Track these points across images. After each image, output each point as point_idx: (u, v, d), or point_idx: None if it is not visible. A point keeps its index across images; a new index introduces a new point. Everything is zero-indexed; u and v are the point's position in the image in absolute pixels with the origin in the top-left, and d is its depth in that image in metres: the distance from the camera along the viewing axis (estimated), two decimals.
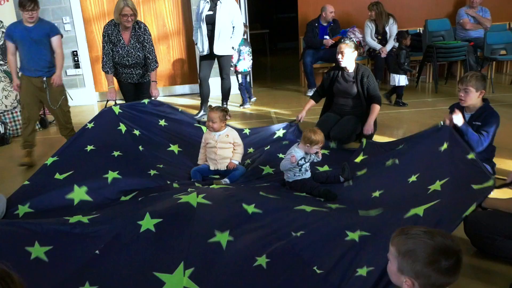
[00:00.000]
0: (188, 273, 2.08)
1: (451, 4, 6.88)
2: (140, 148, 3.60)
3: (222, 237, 2.27)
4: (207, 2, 5.10)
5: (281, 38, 11.86)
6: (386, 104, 5.50)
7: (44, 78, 4.17)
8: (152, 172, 3.35)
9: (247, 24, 6.54)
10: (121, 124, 3.67)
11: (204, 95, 5.46)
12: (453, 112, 3.02)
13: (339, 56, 4.14)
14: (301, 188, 3.12)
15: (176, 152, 3.80)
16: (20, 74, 4.27)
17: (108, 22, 4.35)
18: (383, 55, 6.14)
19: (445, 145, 2.75)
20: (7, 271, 0.98)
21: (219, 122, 3.48)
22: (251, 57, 5.92)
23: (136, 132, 3.73)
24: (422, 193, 2.44)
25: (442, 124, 3.04)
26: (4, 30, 5.39)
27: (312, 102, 4.43)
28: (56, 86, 4.20)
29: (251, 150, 3.90)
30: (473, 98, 2.99)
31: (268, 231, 2.32)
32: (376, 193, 2.81)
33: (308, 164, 3.21)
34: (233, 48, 5.31)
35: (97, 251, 2.26)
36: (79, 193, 2.95)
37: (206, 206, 2.49)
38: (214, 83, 5.84)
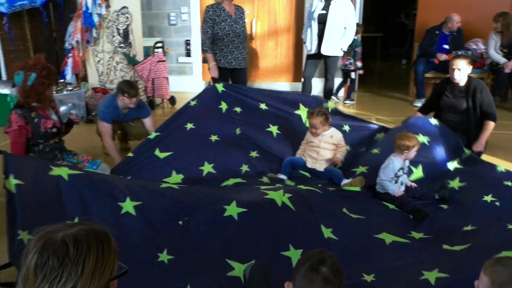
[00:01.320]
0: None
1: None
2: (238, 131, 3.66)
3: (294, 254, 2.26)
4: (321, 1, 5.05)
5: (394, 43, 11.35)
6: (506, 124, 4.98)
7: None
8: (244, 168, 3.43)
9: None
10: (222, 102, 3.74)
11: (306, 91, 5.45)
12: None
13: (455, 73, 3.82)
14: (392, 200, 2.97)
15: (275, 134, 3.80)
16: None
17: (208, 6, 4.45)
18: (507, 70, 5.56)
19: None
20: (108, 234, 1.02)
21: (322, 126, 3.45)
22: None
23: (237, 109, 3.78)
24: None
25: None
26: (128, 15, 5.92)
27: (419, 115, 4.15)
28: None
29: (347, 147, 3.78)
30: None
31: None
32: (469, 227, 2.59)
33: (405, 176, 3.05)
34: (342, 49, 5.20)
35: (180, 222, 2.37)
36: (175, 179, 3.12)
37: (288, 211, 2.49)
38: (316, 83, 5.80)
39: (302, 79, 5.46)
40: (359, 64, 6.10)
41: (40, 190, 2.23)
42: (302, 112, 3.94)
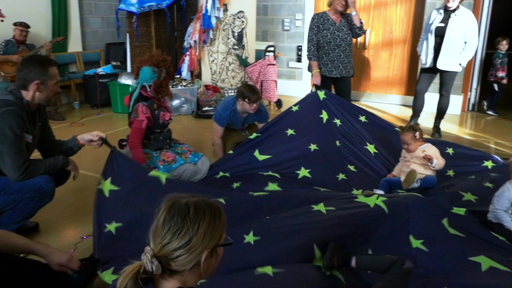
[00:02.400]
0: None
1: None
2: (337, 143, 3.59)
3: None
4: (440, 13, 4.75)
5: None
6: None
7: None
8: (340, 176, 3.34)
9: (485, 40, 5.84)
10: (323, 111, 3.69)
11: (416, 109, 5.18)
12: None
13: None
14: (504, 234, 2.64)
15: (372, 153, 3.67)
16: None
17: (315, 14, 4.43)
18: None
19: None
20: (220, 209, 1.24)
21: (414, 142, 3.28)
22: None
23: (337, 121, 3.71)
24: None
25: None
26: (243, 19, 6.14)
27: None
28: None
29: (450, 172, 3.49)
30: None
31: None
32: None
33: None
34: (460, 65, 4.82)
35: (267, 217, 2.41)
36: (272, 187, 3.13)
37: (380, 211, 2.38)
38: (429, 98, 5.41)
39: (415, 93, 5.16)
40: (499, 74, 6.00)
41: (135, 189, 2.42)
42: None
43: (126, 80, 5.79)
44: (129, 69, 6.39)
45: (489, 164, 3.55)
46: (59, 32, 6.30)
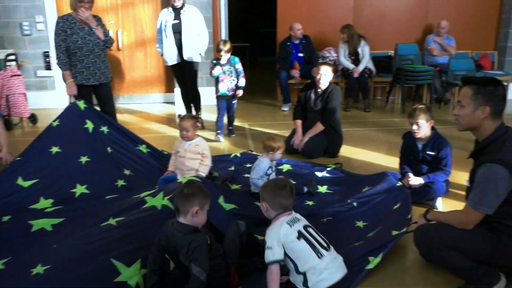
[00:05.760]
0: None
1: (420, 31, 7.16)
2: (109, 149, 3.55)
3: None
4: (170, 12, 5.22)
5: (262, 52, 12.00)
6: (357, 122, 5.66)
7: None
8: (120, 183, 3.35)
9: (227, 37, 6.61)
10: (87, 121, 3.55)
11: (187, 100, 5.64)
12: (406, 175, 3.31)
13: (320, 77, 4.26)
14: None
15: (145, 152, 3.77)
16: None
17: (59, 17, 4.12)
18: (356, 75, 6.33)
19: (398, 205, 3.02)
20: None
21: (192, 130, 3.43)
22: (233, 78, 4.94)
23: (104, 128, 3.62)
24: (362, 238, 2.68)
25: (401, 184, 3.31)
26: None
27: (299, 122, 4.47)
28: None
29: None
30: (425, 129, 3.25)
31: None
32: (324, 219, 2.98)
33: (274, 173, 3.31)
34: (200, 55, 5.39)
35: (54, 245, 2.30)
36: (43, 204, 2.92)
37: (169, 211, 2.51)
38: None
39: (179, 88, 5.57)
40: (241, 83, 4.98)
41: None
42: None
43: None
44: None
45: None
46: None
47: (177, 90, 6.16)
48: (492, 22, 7.15)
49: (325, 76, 4.26)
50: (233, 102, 5.06)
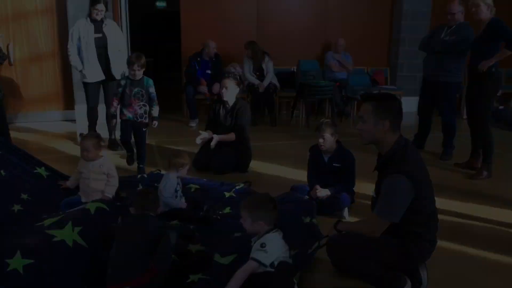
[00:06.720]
0: None
1: (320, 48, 7.60)
2: (2, 173, 3.25)
3: None
4: (90, 24, 4.81)
5: (166, 68, 11.84)
6: (265, 136, 5.81)
7: None
8: (16, 208, 3.08)
9: (129, 51, 6.42)
10: None
11: (91, 121, 5.16)
12: (314, 187, 3.44)
13: (223, 90, 4.33)
14: (180, 215, 3.12)
15: (45, 176, 3.51)
16: None
17: None
18: (261, 90, 6.52)
19: (308, 219, 3.08)
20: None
21: (94, 150, 3.25)
22: (143, 103, 4.16)
23: None
24: None
25: (307, 197, 3.43)
26: None
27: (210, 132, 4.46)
28: None
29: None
30: (330, 142, 3.45)
31: None
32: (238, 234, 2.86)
33: (180, 190, 3.27)
34: (124, 73, 4.93)
35: None
36: None
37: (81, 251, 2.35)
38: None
39: (89, 108, 5.10)
40: (154, 112, 4.27)
41: None
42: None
43: None
44: None
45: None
46: None
47: (80, 107, 5.80)
48: (384, 41, 7.81)
49: (226, 89, 4.34)
50: (144, 129, 4.28)
